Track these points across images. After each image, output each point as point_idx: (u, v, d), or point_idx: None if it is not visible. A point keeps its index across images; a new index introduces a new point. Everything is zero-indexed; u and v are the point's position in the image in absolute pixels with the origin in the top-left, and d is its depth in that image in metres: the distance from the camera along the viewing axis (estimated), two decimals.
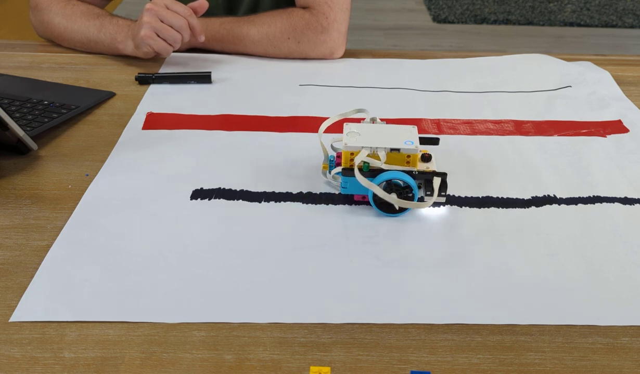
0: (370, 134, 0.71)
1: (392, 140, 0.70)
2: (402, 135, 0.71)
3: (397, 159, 0.69)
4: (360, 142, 0.69)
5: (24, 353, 0.52)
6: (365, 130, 0.72)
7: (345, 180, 0.69)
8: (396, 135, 0.71)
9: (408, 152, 0.69)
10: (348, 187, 0.70)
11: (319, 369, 0.51)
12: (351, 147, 0.69)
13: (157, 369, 0.51)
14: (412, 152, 0.69)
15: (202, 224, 0.68)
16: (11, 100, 0.93)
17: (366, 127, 0.73)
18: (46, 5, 1.14)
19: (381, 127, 0.73)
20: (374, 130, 0.72)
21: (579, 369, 0.52)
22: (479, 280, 0.61)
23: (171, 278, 0.60)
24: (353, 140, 0.70)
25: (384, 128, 0.73)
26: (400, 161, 0.69)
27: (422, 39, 3.55)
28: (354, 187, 0.69)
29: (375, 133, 0.71)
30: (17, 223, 0.68)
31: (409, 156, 0.69)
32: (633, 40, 3.63)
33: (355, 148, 0.69)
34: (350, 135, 0.70)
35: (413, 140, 0.70)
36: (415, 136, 0.71)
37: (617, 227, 0.69)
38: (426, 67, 1.12)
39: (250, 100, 0.98)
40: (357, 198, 0.71)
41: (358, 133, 0.71)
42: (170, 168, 0.78)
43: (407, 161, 0.69)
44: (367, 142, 0.69)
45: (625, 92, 1.03)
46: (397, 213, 0.69)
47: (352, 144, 0.69)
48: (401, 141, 0.70)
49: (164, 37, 1.01)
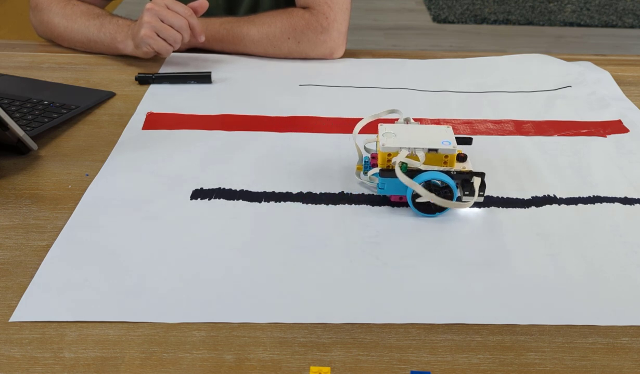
0: (406, 135, 0.70)
1: (429, 141, 0.69)
2: (438, 135, 0.71)
3: (435, 159, 0.69)
4: (397, 142, 0.69)
5: (24, 353, 0.52)
6: (401, 131, 0.71)
7: (382, 181, 0.69)
8: (432, 135, 0.71)
9: (446, 152, 0.69)
10: (385, 188, 0.69)
11: (319, 369, 0.51)
12: (389, 148, 0.68)
13: (157, 369, 0.51)
14: (450, 152, 0.69)
15: (202, 224, 0.68)
16: (11, 100, 0.93)
17: (401, 127, 0.72)
18: (46, 5, 1.14)
19: (416, 127, 0.73)
20: (409, 131, 0.71)
21: (579, 369, 0.52)
22: (479, 280, 0.61)
23: (171, 278, 0.60)
24: (390, 141, 0.69)
25: (418, 128, 0.72)
26: (437, 161, 0.69)
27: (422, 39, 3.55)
28: (391, 187, 0.69)
29: (411, 133, 0.71)
30: (17, 223, 0.68)
31: (446, 156, 0.69)
32: (633, 40, 3.63)
33: (393, 149, 0.68)
34: (386, 136, 0.70)
35: (450, 140, 0.70)
36: (452, 136, 0.71)
37: (617, 227, 0.69)
38: (426, 67, 1.12)
39: (250, 100, 0.98)
40: (394, 199, 0.71)
41: (394, 134, 0.70)
42: (170, 168, 0.78)
43: (444, 161, 0.69)
44: (405, 142, 0.69)
45: (625, 92, 1.03)
46: (435, 213, 0.69)
47: (390, 145, 0.68)
48: (438, 141, 0.69)
49: (164, 36, 1.01)
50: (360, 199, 0.73)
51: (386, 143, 0.69)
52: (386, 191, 0.70)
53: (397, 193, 0.70)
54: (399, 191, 0.69)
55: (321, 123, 0.91)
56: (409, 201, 0.69)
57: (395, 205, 0.72)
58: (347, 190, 0.74)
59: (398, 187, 0.69)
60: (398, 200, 0.71)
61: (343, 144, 0.85)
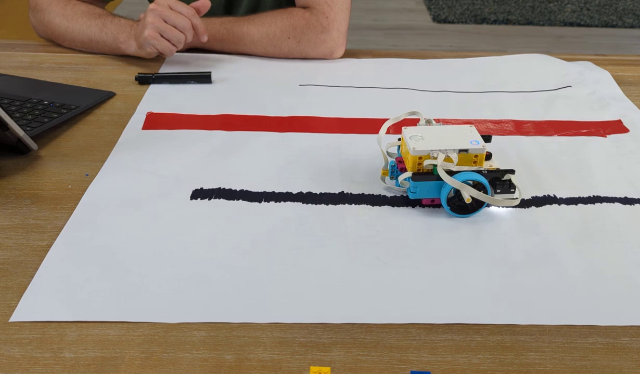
0: (433, 137, 0.70)
1: (458, 141, 0.69)
2: (464, 135, 0.70)
3: (465, 159, 0.69)
4: (427, 145, 0.69)
5: (24, 353, 0.52)
6: (427, 133, 0.71)
7: (414, 184, 0.68)
8: (458, 135, 0.71)
9: (476, 151, 0.69)
10: (418, 192, 0.69)
11: (319, 369, 0.51)
12: (420, 151, 0.68)
13: (157, 369, 0.51)
14: (480, 152, 0.69)
15: (202, 224, 0.68)
16: (11, 100, 0.93)
17: (425, 129, 0.72)
18: (46, 5, 1.14)
19: (439, 128, 0.73)
20: (435, 132, 0.71)
21: (579, 369, 0.52)
22: (478, 280, 0.61)
23: (171, 278, 0.60)
24: (419, 144, 0.69)
25: (442, 129, 0.72)
26: (467, 161, 0.69)
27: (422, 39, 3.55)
28: (424, 191, 0.69)
29: (437, 135, 0.71)
30: (17, 223, 0.68)
31: (476, 156, 0.69)
32: (633, 40, 3.63)
33: (424, 152, 0.68)
34: (414, 139, 0.69)
35: (478, 140, 0.70)
36: (478, 135, 0.71)
37: (617, 227, 0.69)
38: (426, 67, 1.12)
39: (250, 100, 0.98)
40: (426, 202, 0.71)
41: (421, 136, 0.70)
42: (170, 168, 0.78)
43: (474, 161, 0.69)
44: (434, 144, 0.69)
45: (625, 92, 1.03)
46: (469, 213, 0.69)
47: (421, 148, 0.68)
48: (466, 141, 0.69)
49: (168, 37, 1.01)
50: (360, 199, 0.73)
51: (417, 147, 0.68)
52: (418, 195, 0.69)
53: (430, 196, 0.69)
54: (431, 194, 0.69)
55: (321, 123, 0.91)
56: (444, 203, 0.69)
57: (396, 205, 0.72)
58: (347, 190, 0.74)
59: (430, 190, 0.69)
60: (430, 202, 0.71)
61: (343, 144, 0.85)
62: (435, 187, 0.68)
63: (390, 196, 0.73)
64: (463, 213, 0.69)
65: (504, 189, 0.69)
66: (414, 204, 0.72)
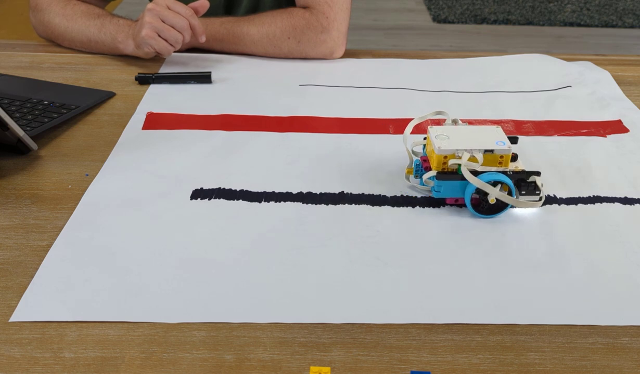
0: (458, 136, 0.70)
1: (483, 142, 0.69)
2: (490, 136, 0.70)
3: (490, 160, 0.69)
4: (452, 145, 0.69)
5: (24, 353, 0.52)
6: (452, 133, 0.71)
7: (439, 184, 0.68)
8: (484, 136, 0.71)
9: (501, 152, 0.69)
10: (442, 191, 0.69)
11: (319, 369, 0.51)
12: (445, 151, 0.68)
13: (157, 369, 0.51)
14: (505, 152, 0.69)
15: (202, 224, 0.68)
16: (11, 100, 0.93)
17: (451, 129, 0.72)
18: (46, 5, 1.14)
19: (465, 128, 0.73)
20: (461, 132, 0.71)
21: (579, 369, 0.52)
22: (479, 280, 0.61)
23: (171, 278, 0.60)
24: (445, 143, 0.69)
25: (468, 129, 0.72)
26: (493, 162, 0.69)
27: (422, 39, 3.55)
28: (448, 190, 0.69)
29: (463, 135, 0.71)
30: (17, 223, 0.68)
31: (501, 156, 0.69)
32: (633, 40, 3.63)
33: (450, 151, 0.68)
34: (439, 139, 0.69)
35: (504, 141, 0.70)
36: (504, 136, 0.71)
37: (617, 227, 0.69)
38: (426, 67, 1.12)
39: (250, 100, 0.98)
40: (450, 201, 0.71)
41: (447, 136, 0.70)
42: (170, 168, 0.78)
43: (499, 161, 0.69)
44: (460, 144, 0.69)
45: (625, 92, 1.03)
46: (492, 214, 0.69)
47: (446, 147, 0.68)
48: (492, 142, 0.69)
49: (165, 37, 1.01)
50: (361, 199, 0.73)
51: (442, 146, 0.68)
52: (443, 194, 0.69)
53: (454, 196, 0.69)
54: (455, 194, 0.69)
55: (321, 123, 0.91)
56: (467, 203, 0.69)
57: (396, 205, 0.72)
58: (347, 189, 0.74)
59: (455, 189, 0.69)
60: (453, 202, 0.71)
61: (343, 144, 0.85)
62: (459, 186, 0.68)
63: (390, 196, 0.73)
64: (487, 214, 0.69)
65: (529, 191, 0.69)
66: (414, 204, 0.72)
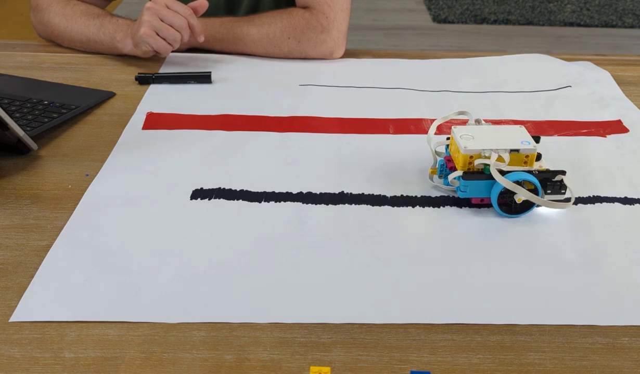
0: (483, 136, 0.70)
1: (509, 141, 0.69)
2: (514, 136, 0.71)
3: (516, 159, 0.69)
4: (478, 144, 0.69)
5: (24, 353, 0.52)
6: (477, 133, 0.71)
7: (465, 184, 0.68)
8: (508, 135, 0.71)
9: (527, 152, 0.69)
10: (468, 191, 0.69)
11: (319, 369, 0.51)
12: (471, 150, 0.68)
13: (157, 369, 0.51)
14: (531, 152, 0.69)
15: (202, 224, 0.68)
16: (11, 100, 0.93)
17: (475, 129, 0.72)
18: (46, 5, 1.14)
19: (489, 128, 0.73)
20: (485, 132, 0.71)
21: (579, 369, 0.52)
22: (478, 280, 0.61)
23: (171, 278, 0.60)
24: (470, 143, 0.69)
25: (492, 129, 0.72)
26: (518, 161, 0.69)
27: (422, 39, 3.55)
28: (474, 190, 0.69)
29: (487, 135, 0.71)
30: (17, 223, 0.68)
31: (527, 156, 0.69)
32: (633, 40, 3.63)
33: (476, 151, 0.68)
34: (464, 139, 0.70)
35: (529, 140, 0.70)
36: (528, 136, 0.71)
37: (617, 227, 0.69)
38: (426, 67, 1.12)
39: (250, 100, 0.98)
40: (475, 201, 0.71)
41: (471, 136, 0.70)
42: (170, 168, 0.78)
43: (524, 161, 0.69)
44: (485, 144, 0.69)
45: (625, 92, 1.03)
46: (518, 214, 0.69)
47: (472, 147, 0.68)
48: (517, 141, 0.69)
49: (164, 36, 1.01)
50: (361, 199, 0.73)
51: (468, 146, 0.68)
52: (469, 194, 0.69)
53: (480, 195, 0.69)
54: (481, 194, 0.69)
55: (321, 123, 0.91)
56: (494, 202, 0.69)
57: (396, 205, 0.72)
58: (347, 190, 0.74)
59: (481, 189, 0.69)
60: (479, 202, 0.71)
61: (343, 144, 0.85)
62: (485, 186, 0.68)
63: (390, 196, 0.73)
64: (511, 213, 0.69)
65: (555, 190, 0.69)
66: (414, 204, 0.72)
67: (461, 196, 0.69)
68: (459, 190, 0.69)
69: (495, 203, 0.69)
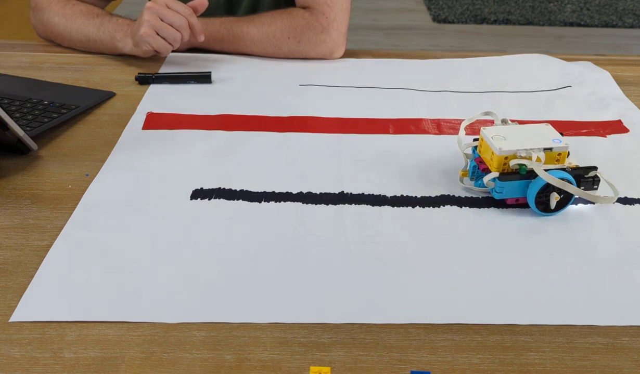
0: (514, 136, 0.70)
1: (540, 140, 0.70)
2: (544, 134, 0.71)
3: (548, 158, 0.69)
4: (511, 145, 0.69)
5: (24, 353, 0.52)
6: (507, 133, 0.71)
7: (501, 185, 0.69)
8: (538, 134, 0.71)
9: (559, 149, 0.69)
10: (504, 192, 0.69)
11: (319, 369, 0.51)
12: (506, 151, 0.68)
13: (157, 369, 0.51)
14: (563, 150, 0.69)
15: (202, 224, 0.68)
16: (11, 100, 0.93)
17: (504, 129, 0.72)
18: (46, 5, 1.14)
19: (518, 127, 0.73)
20: (515, 132, 0.72)
21: (579, 369, 0.52)
22: (479, 280, 0.61)
23: (171, 278, 0.60)
24: (504, 144, 0.69)
25: (521, 129, 0.73)
26: (550, 160, 0.70)
27: (422, 39, 3.55)
28: (510, 190, 0.69)
29: (517, 135, 0.71)
30: (17, 223, 0.68)
31: (559, 154, 0.69)
32: (633, 40, 3.63)
33: (511, 151, 0.68)
34: (496, 139, 0.70)
35: (560, 138, 0.70)
36: (557, 133, 0.71)
37: (617, 227, 0.69)
38: (426, 67, 1.12)
39: (250, 100, 0.98)
40: (511, 202, 0.71)
41: (502, 137, 0.70)
42: (170, 168, 0.78)
43: (557, 159, 0.70)
44: (518, 144, 0.69)
45: (625, 92, 1.03)
46: (553, 212, 0.70)
47: (507, 148, 0.68)
48: (548, 139, 0.70)
49: (164, 35, 1.01)
50: (360, 199, 0.73)
51: (502, 147, 0.68)
52: (505, 195, 0.69)
53: (516, 196, 0.70)
54: (517, 194, 0.69)
55: (321, 123, 0.91)
56: (531, 202, 0.69)
57: (396, 205, 0.72)
58: (347, 190, 0.74)
59: (517, 190, 0.69)
60: (514, 202, 0.71)
61: (343, 144, 0.85)
62: (522, 186, 0.69)
63: (390, 196, 0.73)
64: (547, 212, 0.70)
65: (588, 186, 0.69)
66: (414, 204, 0.72)
67: (497, 197, 0.70)
68: (494, 191, 0.70)
69: (532, 203, 0.69)
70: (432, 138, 0.87)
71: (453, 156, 0.82)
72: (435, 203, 0.72)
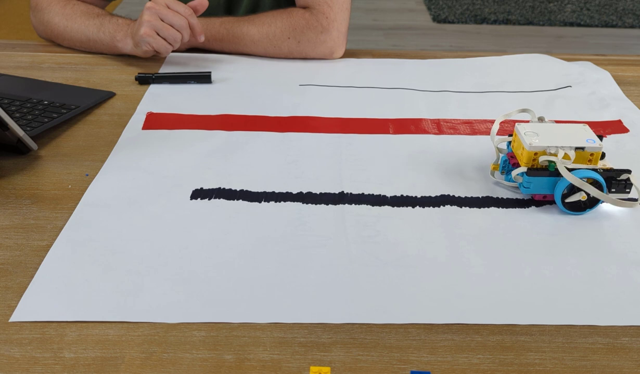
0: (547, 134, 0.71)
1: (573, 139, 0.70)
2: (579, 134, 0.71)
3: (580, 157, 0.69)
4: (542, 142, 0.69)
5: (24, 353, 0.52)
6: (541, 130, 0.72)
7: (528, 179, 0.69)
8: (573, 133, 0.71)
9: (592, 150, 0.69)
10: (532, 187, 0.70)
11: (319, 369, 0.51)
12: (536, 147, 0.69)
13: (157, 369, 0.51)
14: (596, 150, 0.69)
15: (202, 224, 0.68)
16: (11, 100, 0.93)
17: (539, 126, 0.73)
18: (46, 5, 1.14)
19: (553, 126, 0.73)
20: (549, 130, 0.72)
21: (579, 369, 0.52)
22: (479, 280, 0.61)
23: (171, 278, 0.60)
24: (535, 140, 0.69)
25: (556, 127, 0.73)
26: (582, 159, 0.70)
27: (422, 39, 3.55)
28: (537, 186, 0.70)
29: (551, 132, 0.71)
30: (17, 223, 0.68)
31: (591, 154, 0.70)
32: (633, 40, 3.63)
33: (540, 148, 0.69)
34: (529, 136, 0.70)
35: (594, 139, 0.70)
36: (593, 134, 0.71)
37: (617, 227, 0.69)
38: (426, 67, 1.12)
39: (250, 100, 0.98)
40: (538, 198, 0.71)
41: (536, 133, 0.71)
42: (170, 168, 0.78)
43: (589, 159, 0.70)
44: (550, 141, 0.69)
45: (625, 92, 1.03)
46: (582, 211, 0.70)
47: (537, 144, 0.69)
48: (582, 139, 0.70)
49: (164, 36, 1.01)
50: (360, 199, 0.73)
51: (533, 143, 0.69)
52: (532, 190, 0.70)
53: (543, 192, 0.70)
54: (544, 190, 0.70)
55: (321, 123, 0.91)
56: (558, 199, 0.69)
57: (396, 205, 0.72)
58: (347, 190, 0.74)
59: (544, 186, 0.69)
60: (542, 198, 0.71)
61: (343, 144, 0.85)
62: (549, 183, 0.69)
63: (390, 196, 0.73)
64: (574, 211, 0.70)
65: (619, 189, 0.69)
66: (414, 204, 0.72)
67: (524, 192, 0.70)
68: (522, 186, 0.70)
69: (558, 200, 0.69)
70: (432, 138, 0.87)
71: (453, 156, 0.82)
72: (436, 203, 0.72)
